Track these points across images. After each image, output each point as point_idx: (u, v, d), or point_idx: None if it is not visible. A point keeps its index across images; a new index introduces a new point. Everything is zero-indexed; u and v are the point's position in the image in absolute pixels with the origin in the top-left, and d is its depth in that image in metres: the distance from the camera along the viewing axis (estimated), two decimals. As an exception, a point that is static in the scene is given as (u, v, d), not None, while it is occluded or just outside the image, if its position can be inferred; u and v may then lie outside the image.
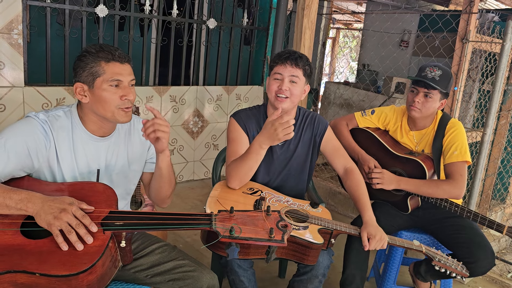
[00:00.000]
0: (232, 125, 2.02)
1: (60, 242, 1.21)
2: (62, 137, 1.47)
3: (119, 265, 1.35)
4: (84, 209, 1.29)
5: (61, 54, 3.31)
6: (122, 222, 1.30)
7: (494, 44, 3.48)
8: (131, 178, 1.68)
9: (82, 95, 1.46)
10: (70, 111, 1.52)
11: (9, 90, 3.03)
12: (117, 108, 1.47)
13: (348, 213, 3.88)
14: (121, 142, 1.62)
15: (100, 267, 1.21)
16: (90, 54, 1.43)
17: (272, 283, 2.64)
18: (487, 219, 2.08)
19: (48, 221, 1.23)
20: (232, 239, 1.25)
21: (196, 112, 4.14)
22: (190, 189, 4.06)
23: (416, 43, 5.07)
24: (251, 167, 1.87)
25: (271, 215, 1.34)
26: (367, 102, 4.68)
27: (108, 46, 1.47)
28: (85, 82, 1.44)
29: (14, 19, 2.96)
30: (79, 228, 1.23)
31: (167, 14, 3.74)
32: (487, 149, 3.00)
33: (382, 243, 1.83)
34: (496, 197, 4.26)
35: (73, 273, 1.15)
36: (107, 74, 1.44)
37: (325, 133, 2.10)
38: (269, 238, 1.25)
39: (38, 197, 1.28)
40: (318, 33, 6.63)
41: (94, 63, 1.43)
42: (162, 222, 1.32)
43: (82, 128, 1.51)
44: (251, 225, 1.29)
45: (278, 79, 1.90)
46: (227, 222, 1.29)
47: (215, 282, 1.59)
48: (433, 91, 2.13)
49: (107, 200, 1.37)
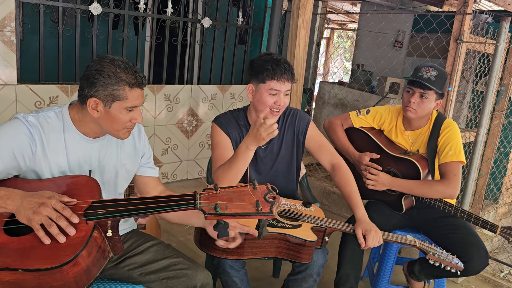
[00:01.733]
0: (214, 130, 2.01)
1: (42, 236, 1.19)
2: (54, 139, 1.44)
3: (109, 256, 1.32)
4: (66, 202, 1.27)
5: (54, 52, 3.29)
6: (105, 211, 1.27)
7: (487, 45, 3.50)
8: (122, 179, 1.65)
9: (94, 110, 1.42)
10: (61, 112, 1.48)
11: (1, 88, 3.00)
12: (124, 128, 1.46)
13: (342, 213, 3.88)
14: (113, 143, 1.59)
15: (85, 258, 1.19)
16: (114, 74, 1.38)
17: (266, 282, 2.64)
18: (480, 219, 2.10)
19: (27, 217, 1.21)
20: (218, 216, 1.22)
21: (191, 111, 4.13)
22: (184, 188, 4.05)
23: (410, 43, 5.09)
24: (239, 169, 1.83)
25: (258, 188, 1.28)
26: (361, 102, 4.69)
27: (131, 65, 1.42)
28: (103, 100, 1.40)
29: (7, 16, 2.93)
30: (60, 221, 1.20)
31: (162, 12, 3.73)
32: (480, 149, 3.02)
33: (378, 237, 1.84)
34: (489, 197, 4.29)
35: (56, 265, 1.13)
36: (129, 100, 1.41)
37: (307, 130, 2.08)
38: (257, 212, 1.20)
39: (17, 193, 1.26)
40: (312, 33, 6.63)
41: (118, 86, 1.38)
42: (145, 206, 1.28)
43: (74, 129, 1.48)
44: (238, 200, 1.24)
45: (274, 94, 1.87)
46: (212, 199, 1.24)
47: (209, 280, 1.59)
48: (428, 91, 2.14)
49: (90, 192, 1.35)
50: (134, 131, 1.66)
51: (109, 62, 1.39)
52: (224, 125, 2.00)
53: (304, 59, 3.47)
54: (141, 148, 1.69)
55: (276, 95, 1.87)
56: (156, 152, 3.97)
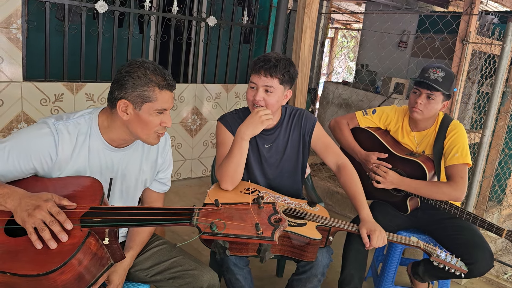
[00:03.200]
0: (219, 128, 2.02)
1: (34, 240, 1.16)
2: (79, 144, 1.43)
3: (108, 263, 1.28)
4: (65, 205, 1.24)
5: (60, 50, 3.29)
6: (100, 219, 1.22)
7: (493, 46, 3.48)
8: (140, 189, 1.66)
9: (124, 112, 1.41)
10: (90, 119, 1.47)
11: (7, 85, 3.01)
12: (155, 132, 1.45)
13: (346, 213, 3.88)
14: (138, 154, 1.58)
15: (75, 266, 1.15)
16: (144, 75, 1.38)
17: (270, 282, 2.64)
18: (486, 222, 2.09)
19: (22, 218, 1.19)
20: (214, 236, 1.12)
21: (195, 110, 4.13)
22: (188, 187, 4.06)
23: (416, 44, 5.07)
24: (238, 163, 1.85)
25: (264, 208, 1.17)
26: (365, 102, 4.68)
27: (160, 68, 1.42)
28: (132, 102, 1.39)
29: (13, 14, 2.93)
30: (53, 226, 1.17)
31: (167, 11, 3.73)
32: (485, 150, 3.01)
33: (382, 238, 1.83)
34: (493, 198, 4.28)
35: (41, 273, 1.10)
36: (159, 102, 1.40)
37: (313, 131, 2.07)
38: (257, 235, 1.09)
39: (18, 193, 1.24)
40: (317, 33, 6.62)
41: (147, 87, 1.38)
42: (141, 218, 1.24)
43: (99, 136, 1.46)
44: (238, 219, 1.13)
45: (253, 87, 1.88)
46: (212, 216, 1.15)
47: (216, 281, 1.58)
48: (435, 92, 2.13)
49: (92, 195, 1.32)
50: (161, 143, 1.64)
51: (139, 64, 1.39)
52: (229, 124, 2.00)
53: (309, 59, 3.47)
54: (161, 163, 1.68)
55: (255, 89, 1.87)
56: (160, 151, 3.97)
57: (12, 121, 3.08)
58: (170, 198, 3.75)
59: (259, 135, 1.96)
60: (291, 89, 1.97)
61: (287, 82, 1.89)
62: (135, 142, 1.56)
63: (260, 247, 1.17)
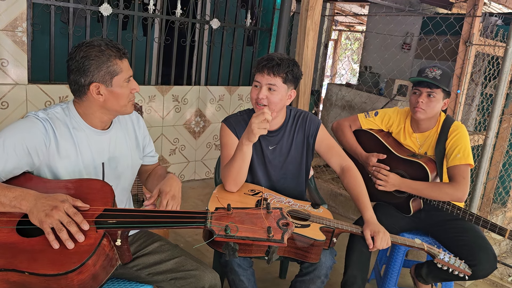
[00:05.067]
0: (223, 130, 2.04)
1: (51, 240, 1.18)
2: (65, 134, 1.46)
3: (117, 264, 1.32)
4: (79, 206, 1.27)
5: (64, 52, 3.31)
6: (115, 220, 1.26)
7: (497, 48, 3.48)
8: (133, 168, 1.70)
9: (99, 95, 1.45)
10: (67, 108, 1.51)
11: (12, 87, 3.03)
12: (129, 101, 1.51)
13: (349, 215, 3.88)
14: (120, 132, 1.63)
15: (91, 267, 1.18)
16: (101, 53, 1.41)
17: (273, 284, 2.64)
18: (489, 223, 2.08)
19: (40, 219, 1.21)
20: (228, 238, 1.20)
21: (198, 112, 4.15)
22: (191, 189, 4.07)
23: (419, 45, 5.07)
24: (240, 167, 1.87)
25: (272, 212, 1.28)
26: (369, 104, 4.68)
27: (110, 41, 1.47)
28: (102, 81, 1.43)
29: (18, 17, 2.96)
30: (70, 226, 1.20)
31: (171, 13, 3.75)
32: (489, 152, 3.00)
33: (386, 239, 1.83)
34: (497, 200, 4.26)
35: (61, 272, 1.13)
36: (124, 72, 1.46)
37: (318, 133, 2.08)
38: (268, 238, 1.19)
39: (32, 194, 1.26)
40: (320, 35, 6.63)
41: (110, 62, 1.42)
42: (155, 220, 1.29)
43: (83, 123, 1.51)
44: (249, 223, 1.23)
45: (257, 86, 1.91)
46: (224, 220, 1.24)
47: (217, 282, 1.59)
48: (436, 90, 2.14)
49: (103, 198, 1.35)
50: (133, 119, 1.70)
51: (89, 45, 1.43)
52: (233, 126, 2.02)
53: (312, 61, 3.47)
54: (142, 138, 1.73)
55: (259, 88, 1.89)
56: (163, 153, 3.99)
57: (17, 123, 3.10)
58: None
59: (263, 136, 1.97)
60: (295, 89, 1.98)
61: (290, 81, 1.90)
62: (113, 122, 1.60)
63: (269, 249, 1.25)
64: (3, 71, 2.98)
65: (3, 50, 2.95)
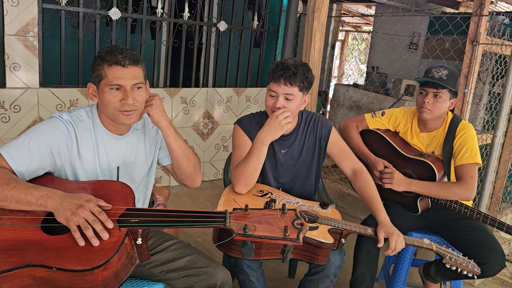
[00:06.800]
0: (236, 131, 2.04)
1: (77, 237, 1.24)
2: (86, 137, 1.52)
3: (136, 263, 1.37)
4: (102, 206, 1.32)
5: (74, 56, 3.37)
6: (138, 219, 1.32)
7: (504, 47, 3.47)
8: (149, 174, 1.74)
9: (92, 95, 1.53)
10: (91, 111, 1.57)
11: (24, 91, 3.09)
12: (117, 110, 1.49)
13: (357, 215, 3.88)
14: (137, 139, 1.66)
15: (115, 263, 1.24)
16: (99, 56, 1.48)
17: (282, 283, 2.66)
18: (497, 221, 2.08)
19: (66, 217, 1.26)
20: (246, 237, 1.25)
21: (206, 113, 4.18)
22: (200, 190, 4.09)
23: (426, 45, 5.07)
24: (255, 168, 1.87)
25: (287, 213, 1.33)
26: (376, 104, 4.68)
27: (118, 48, 1.49)
28: (94, 82, 1.51)
29: (29, 22, 3.02)
30: (96, 224, 1.25)
31: (179, 16, 3.79)
32: (497, 151, 2.99)
33: (401, 241, 1.83)
34: (506, 199, 4.24)
35: (88, 268, 1.18)
36: (109, 78, 1.46)
37: (329, 136, 2.09)
38: (284, 237, 1.24)
39: (58, 193, 1.31)
40: (327, 36, 6.64)
41: (100, 66, 1.47)
42: (177, 219, 1.35)
43: (102, 127, 1.56)
44: (266, 223, 1.28)
45: (273, 96, 1.91)
46: (242, 220, 1.30)
47: (229, 279, 1.62)
48: (442, 90, 2.14)
49: (124, 198, 1.40)
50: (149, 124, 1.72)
51: (101, 49, 1.50)
52: (246, 127, 2.03)
53: (319, 62, 3.49)
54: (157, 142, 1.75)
55: (275, 97, 1.89)
56: (172, 154, 4.01)
57: (29, 127, 3.15)
58: (183, 200, 3.79)
59: (276, 140, 1.97)
60: (308, 93, 1.99)
61: (306, 88, 1.91)
62: (131, 128, 1.64)
63: (284, 248, 1.31)
64: (15, 75, 3.04)
65: (15, 54, 3.01)
